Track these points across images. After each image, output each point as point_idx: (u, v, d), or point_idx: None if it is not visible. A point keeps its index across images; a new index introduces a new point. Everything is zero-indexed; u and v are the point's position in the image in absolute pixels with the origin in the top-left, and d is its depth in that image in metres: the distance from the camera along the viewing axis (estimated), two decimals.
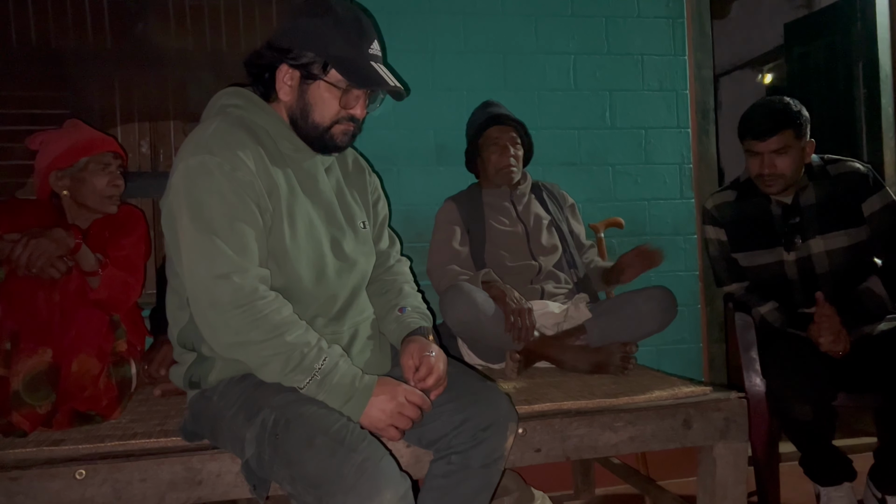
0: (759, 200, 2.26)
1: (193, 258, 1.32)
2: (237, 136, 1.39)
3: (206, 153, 1.34)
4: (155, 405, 1.84)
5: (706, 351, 2.84)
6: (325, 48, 1.40)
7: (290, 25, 1.43)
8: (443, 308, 2.04)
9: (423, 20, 2.63)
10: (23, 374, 1.55)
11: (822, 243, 2.17)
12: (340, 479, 1.20)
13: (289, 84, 1.44)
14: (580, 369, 2.05)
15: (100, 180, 1.95)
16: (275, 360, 1.31)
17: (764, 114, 2.14)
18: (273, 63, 1.44)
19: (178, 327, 1.49)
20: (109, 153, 1.99)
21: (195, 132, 1.41)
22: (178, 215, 1.35)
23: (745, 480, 1.75)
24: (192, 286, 1.33)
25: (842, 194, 2.17)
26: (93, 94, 2.50)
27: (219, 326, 1.31)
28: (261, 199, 1.39)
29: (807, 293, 2.17)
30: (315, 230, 1.48)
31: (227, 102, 1.48)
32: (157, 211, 2.59)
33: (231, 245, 1.32)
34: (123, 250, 1.92)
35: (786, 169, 2.14)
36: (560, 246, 2.37)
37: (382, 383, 1.38)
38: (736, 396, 1.76)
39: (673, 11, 2.83)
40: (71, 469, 1.39)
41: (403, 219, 2.58)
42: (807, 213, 2.20)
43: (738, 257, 2.31)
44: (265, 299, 1.32)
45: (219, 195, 1.33)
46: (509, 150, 2.35)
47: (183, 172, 1.35)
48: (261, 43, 1.49)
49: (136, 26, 2.54)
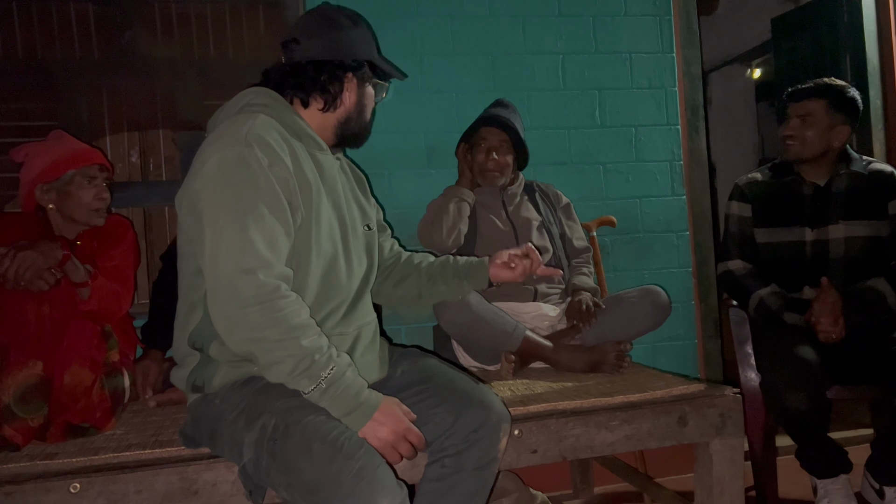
0: (792, 180, 2.32)
1: (221, 250, 1.31)
2: (273, 132, 1.41)
3: (245, 146, 1.35)
4: (150, 416, 1.83)
5: (701, 347, 2.85)
6: (371, 54, 1.60)
7: (332, 37, 1.55)
8: (437, 310, 2.03)
9: (411, 23, 2.63)
10: (13, 387, 1.54)
11: (843, 229, 2.21)
12: (337, 486, 1.20)
13: (351, 90, 1.59)
14: (575, 369, 2.05)
15: (86, 194, 1.94)
16: (286, 362, 1.30)
17: (808, 82, 2.28)
18: (339, 74, 1.55)
19: (189, 328, 1.47)
20: (95, 166, 1.97)
21: (227, 126, 1.41)
22: (207, 206, 1.34)
23: (742, 475, 1.75)
24: (214, 278, 1.31)
25: (872, 189, 2.23)
26: (81, 104, 2.50)
27: (237, 321, 1.30)
28: (293, 196, 1.40)
29: (816, 276, 2.19)
30: (333, 231, 1.50)
31: (255, 101, 1.49)
32: (147, 220, 2.59)
33: (261, 240, 1.31)
34: (113, 260, 1.91)
35: (807, 136, 2.23)
36: (550, 247, 2.37)
37: (387, 411, 1.34)
38: (731, 392, 1.76)
39: (660, 9, 2.84)
40: (65, 482, 1.38)
41: (396, 222, 2.57)
42: (836, 198, 2.25)
43: (758, 233, 2.34)
44: (286, 299, 1.31)
45: (254, 188, 1.33)
46: (493, 154, 2.36)
47: (218, 162, 1.34)
48: (250, 51, 1.53)
49: (122, 36, 2.53)
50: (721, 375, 2.85)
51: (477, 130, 2.39)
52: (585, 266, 2.43)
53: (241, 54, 2.59)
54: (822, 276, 2.13)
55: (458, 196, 2.33)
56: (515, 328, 2.04)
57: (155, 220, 2.58)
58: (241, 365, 1.42)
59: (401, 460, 1.36)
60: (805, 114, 2.24)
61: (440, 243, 2.28)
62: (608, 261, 2.75)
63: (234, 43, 2.61)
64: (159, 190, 2.55)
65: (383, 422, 1.32)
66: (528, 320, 2.18)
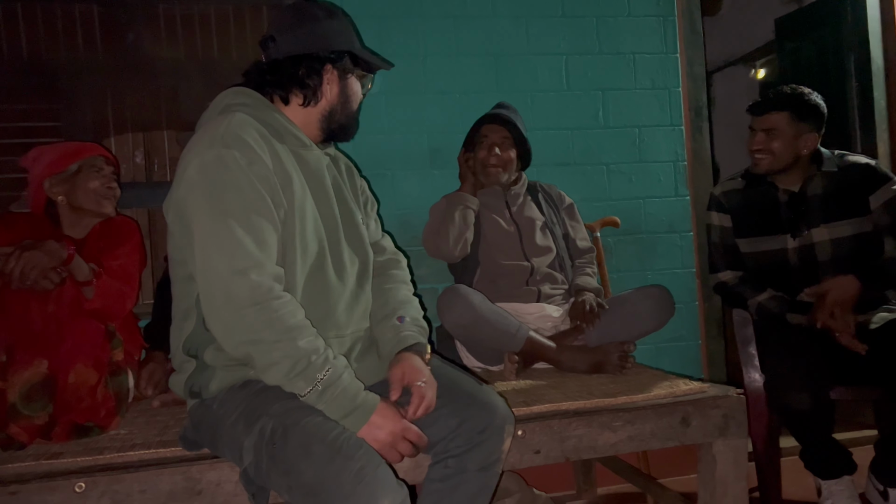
0: (766, 188, 2.30)
1: (210, 254, 1.30)
2: (251, 131, 1.40)
3: (223, 147, 1.34)
4: (153, 415, 1.84)
5: (705, 348, 2.85)
6: (351, 44, 1.57)
7: (307, 30, 1.52)
8: (440, 310, 2.04)
9: (414, 24, 2.64)
10: (18, 385, 1.54)
11: (827, 232, 2.20)
12: (338, 487, 1.19)
13: (332, 82, 1.55)
14: (578, 369, 2.05)
15: (93, 181, 1.99)
16: (283, 363, 1.29)
17: (768, 94, 2.25)
18: (316, 67, 1.52)
19: (183, 335, 1.47)
20: (100, 157, 2.03)
21: (206, 129, 1.40)
22: (193, 211, 1.33)
23: (746, 476, 1.75)
24: (206, 283, 1.30)
25: (849, 186, 2.20)
26: (86, 105, 2.51)
27: (233, 323, 1.29)
28: (276, 194, 1.39)
29: (808, 281, 2.18)
30: (318, 229, 1.49)
31: (234, 101, 1.48)
32: (152, 221, 2.59)
33: (250, 240, 1.31)
34: (118, 259, 1.92)
35: (774, 149, 2.20)
36: (554, 248, 2.37)
37: (384, 413, 1.33)
38: (734, 393, 1.76)
39: (663, 9, 2.84)
40: (70, 482, 1.38)
41: (399, 223, 2.58)
42: (813, 202, 2.23)
43: (740, 243, 2.33)
44: (281, 299, 1.31)
45: (237, 188, 1.33)
46: (495, 150, 2.36)
47: (198, 167, 1.34)
48: (253, 50, 1.52)
49: (127, 37, 2.54)
50: (725, 376, 2.84)
51: (478, 130, 2.39)
52: (589, 266, 2.43)
53: (244, 55, 2.59)
54: (814, 279, 2.12)
55: (463, 203, 2.32)
56: (519, 329, 2.04)
57: (159, 221, 2.58)
58: (237, 369, 1.41)
59: (401, 460, 1.36)
60: (769, 127, 2.21)
61: (448, 254, 2.29)
62: (611, 261, 2.75)
63: (238, 44, 2.62)
64: (164, 190, 2.47)
65: (381, 424, 1.31)
66: (531, 321, 2.18)
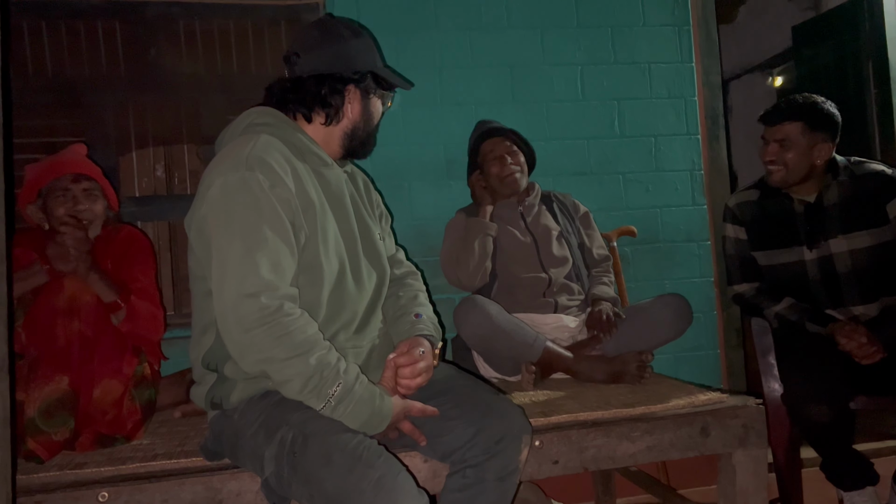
0: (781, 199, 2.26)
1: (226, 276, 1.32)
2: (275, 153, 1.42)
3: (246, 169, 1.36)
4: (175, 426, 1.86)
5: (724, 357, 2.82)
6: (374, 64, 1.58)
7: (332, 50, 1.54)
8: (457, 321, 2.05)
9: (430, 36, 2.66)
10: (38, 401, 1.56)
11: (845, 243, 2.16)
12: (359, 495, 1.21)
13: (354, 102, 1.58)
14: (596, 379, 2.04)
15: (59, 209, 1.88)
16: (295, 380, 1.31)
17: (780, 103, 2.21)
18: (339, 87, 1.54)
19: (203, 349, 1.49)
20: (67, 176, 1.90)
21: (231, 148, 1.43)
22: (213, 230, 1.36)
23: (766, 487, 1.73)
24: (221, 304, 1.33)
25: (866, 195, 2.16)
26: (108, 120, 2.55)
27: (244, 345, 1.32)
28: (296, 216, 1.41)
29: (829, 293, 2.16)
30: (339, 246, 1.50)
31: (257, 121, 1.51)
32: (173, 233, 2.63)
33: (265, 262, 1.32)
34: (138, 282, 1.89)
35: (787, 161, 2.16)
36: (570, 258, 2.36)
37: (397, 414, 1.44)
38: (754, 403, 1.75)
39: (679, 19, 2.84)
40: (94, 491, 1.40)
41: (415, 234, 2.60)
42: (829, 212, 2.19)
43: (757, 256, 2.30)
44: (290, 316, 1.32)
45: (257, 211, 1.35)
46: (507, 159, 2.37)
47: (221, 187, 1.36)
48: (272, 65, 1.53)
49: (148, 53, 2.59)
50: (744, 386, 2.82)
51: (478, 151, 2.41)
52: (605, 276, 2.43)
53: (263, 69, 2.63)
54: (836, 291, 2.09)
55: (483, 231, 2.30)
56: (536, 339, 2.04)
57: (180, 234, 2.61)
58: (257, 381, 1.43)
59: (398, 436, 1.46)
60: (782, 138, 2.16)
61: (468, 284, 2.29)
62: (629, 271, 2.74)
63: (257, 58, 2.65)
64: (184, 203, 2.57)
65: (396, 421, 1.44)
66: (548, 331, 2.18)
